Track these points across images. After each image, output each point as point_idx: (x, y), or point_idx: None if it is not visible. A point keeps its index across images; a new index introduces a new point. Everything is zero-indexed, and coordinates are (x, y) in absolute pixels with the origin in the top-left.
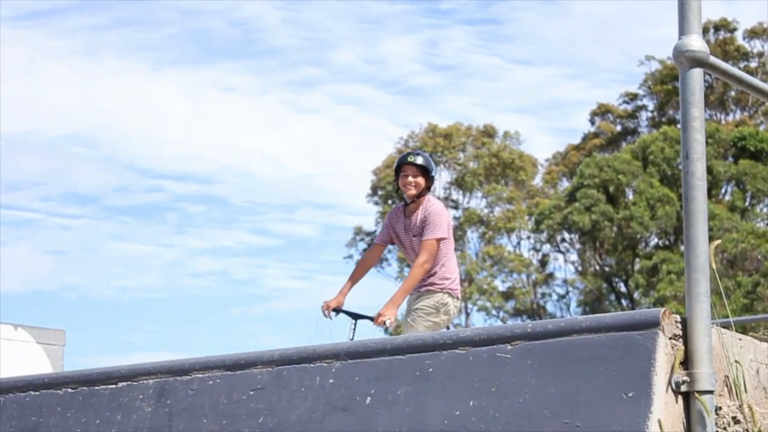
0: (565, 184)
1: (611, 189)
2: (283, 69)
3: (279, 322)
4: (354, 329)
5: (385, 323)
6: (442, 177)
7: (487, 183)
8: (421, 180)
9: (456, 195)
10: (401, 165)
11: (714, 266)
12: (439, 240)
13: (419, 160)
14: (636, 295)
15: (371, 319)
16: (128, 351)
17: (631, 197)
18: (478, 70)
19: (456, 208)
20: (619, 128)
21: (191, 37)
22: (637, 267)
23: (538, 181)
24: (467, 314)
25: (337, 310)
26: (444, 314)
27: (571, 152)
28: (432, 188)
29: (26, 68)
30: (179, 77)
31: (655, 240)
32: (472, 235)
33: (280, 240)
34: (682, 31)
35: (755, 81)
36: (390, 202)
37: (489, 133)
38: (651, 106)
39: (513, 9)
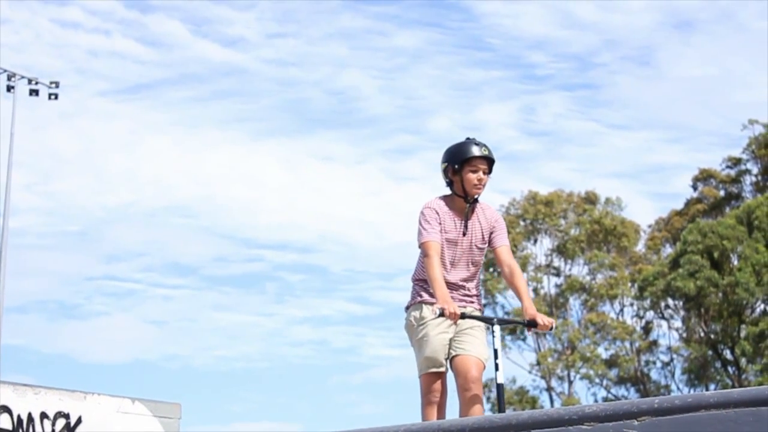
0: (668, 250)
1: (716, 255)
2: (380, 137)
3: (379, 390)
4: (494, 335)
5: (552, 327)
6: (544, 244)
7: (589, 250)
8: (487, 177)
9: (558, 262)
10: (472, 157)
11: None
12: None
13: (490, 153)
14: (742, 362)
15: (528, 324)
16: (230, 420)
17: (736, 263)
18: (576, 135)
19: (558, 275)
20: (722, 193)
21: (289, 108)
22: (743, 333)
23: (640, 247)
24: (570, 382)
25: (463, 316)
26: None
27: (674, 218)
28: None
29: (127, 141)
30: (278, 147)
31: (762, 306)
32: (575, 303)
33: (379, 308)
34: None
35: None
36: (491, 269)
37: (590, 199)
38: (755, 170)
39: (610, 73)
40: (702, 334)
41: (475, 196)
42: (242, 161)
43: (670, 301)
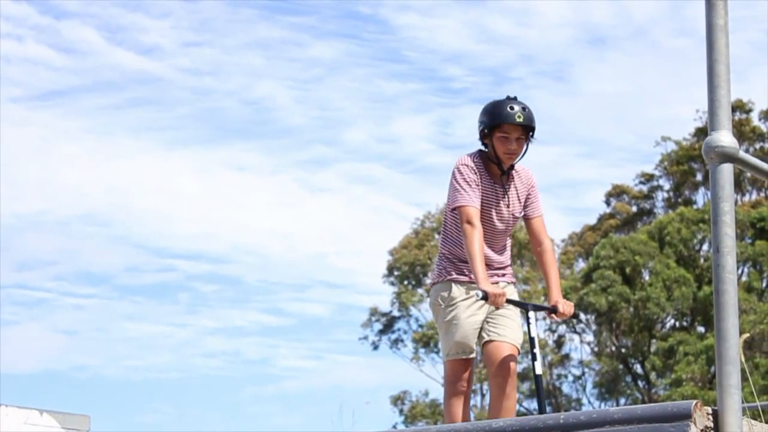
0: (581, 265)
1: (628, 270)
2: (296, 148)
3: (292, 402)
4: (529, 322)
5: (577, 316)
6: None
7: None
8: (523, 144)
9: None
10: (502, 123)
11: (743, 358)
12: None
13: (527, 120)
14: (652, 376)
15: (550, 310)
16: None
17: (647, 278)
18: None
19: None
20: (635, 209)
21: (204, 117)
22: (653, 348)
23: None
24: (483, 395)
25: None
26: None
27: (587, 233)
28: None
29: (40, 148)
30: (192, 157)
31: (672, 321)
32: None
33: (293, 319)
34: (713, 126)
35: None
36: (406, 282)
37: None
38: (667, 186)
39: (525, 88)
40: (613, 349)
41: (510, 164)
42: (156, 170)
43: (583, 316)
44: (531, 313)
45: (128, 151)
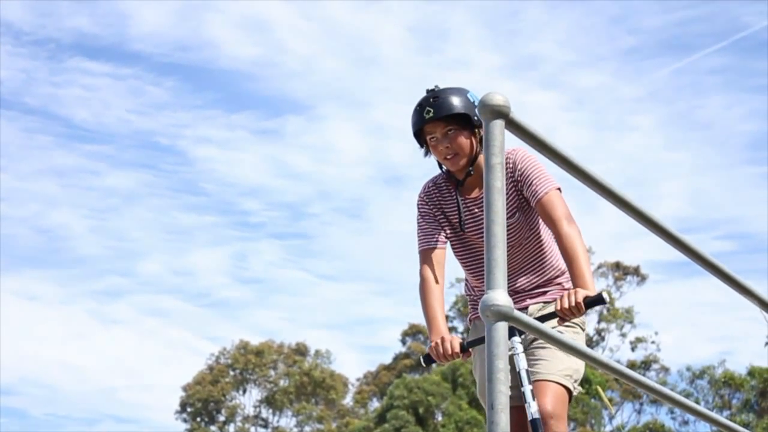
0: (375, 404)
1: (421, 410)
2: (89, 278)
3: None
4: (517, 352)
5: (604, 298)
6: (253, 395)
7: (297, 402)
8: (464, 137)
9: (266, 413)
10: (421, 128)
11: None
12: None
13: (440, 111)
14: None
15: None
16: None
17: (440, 419)
18: (287, 284)
19: (266, 426)
20: None
21: None
22: None
23: (348, 400)
24: None
25: (463, 347)
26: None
27: (382, 372)
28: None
29: None
30: None
31: None
32: None
33: None
34: (489, 285)
35: (554, 333)
36: (199, 419)
37: (301, 351)
38: (461, 328)
39: (322, 224)
40: None
41: (463, 168)
42: None
43: None
44: (514, 339)
45: None
